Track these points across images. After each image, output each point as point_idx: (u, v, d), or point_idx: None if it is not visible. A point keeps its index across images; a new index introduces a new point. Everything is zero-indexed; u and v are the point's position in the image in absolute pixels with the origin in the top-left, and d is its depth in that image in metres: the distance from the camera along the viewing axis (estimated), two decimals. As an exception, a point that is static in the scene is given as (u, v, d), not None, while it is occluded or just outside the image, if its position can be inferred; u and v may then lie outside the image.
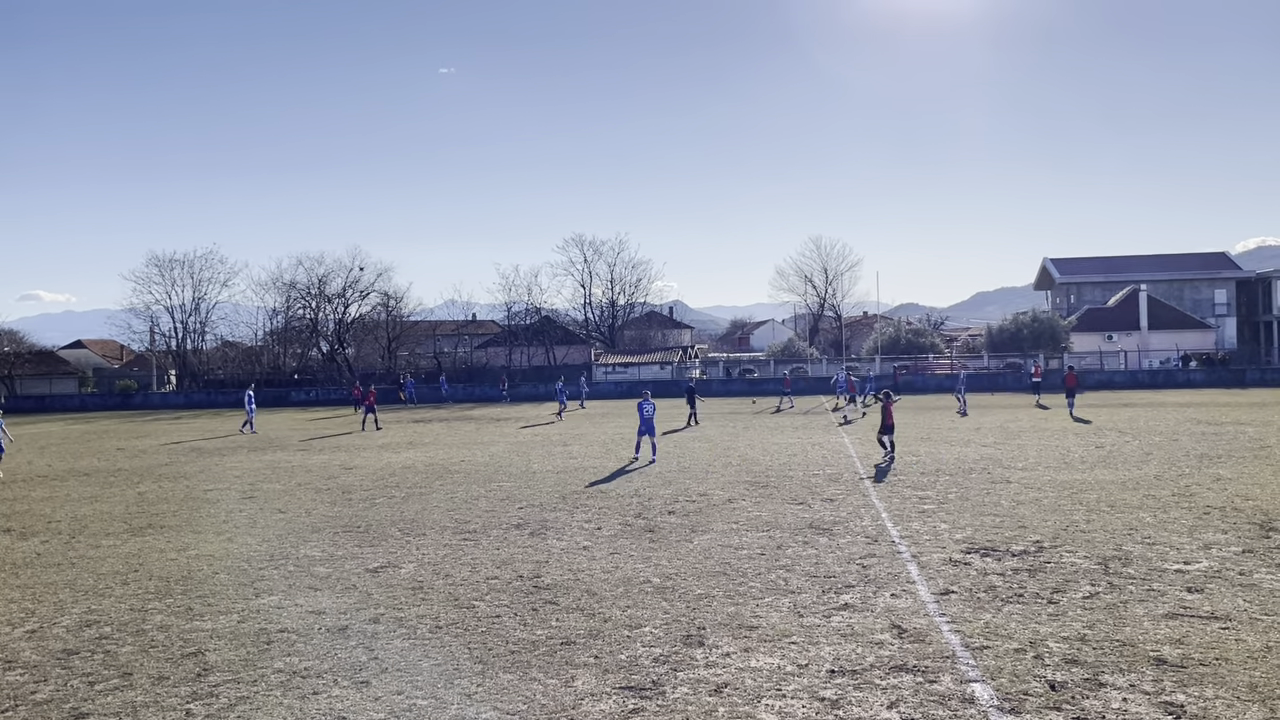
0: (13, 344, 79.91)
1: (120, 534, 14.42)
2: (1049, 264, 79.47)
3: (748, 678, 7.36)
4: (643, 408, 22.91)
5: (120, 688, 7.50)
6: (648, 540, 12.73)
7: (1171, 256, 77.61)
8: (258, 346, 78.24)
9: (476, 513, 15.41)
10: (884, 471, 19.20)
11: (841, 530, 13.06)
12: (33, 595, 10.65)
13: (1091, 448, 22.57)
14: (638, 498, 16.51)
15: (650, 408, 22.86)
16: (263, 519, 15.41)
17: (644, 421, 22.77)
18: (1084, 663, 7.47)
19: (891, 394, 22.73)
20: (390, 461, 23.86)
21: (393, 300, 76.79)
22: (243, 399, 38.98)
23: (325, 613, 9.49)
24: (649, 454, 22.74)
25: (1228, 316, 72.27)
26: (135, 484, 20.71)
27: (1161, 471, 18.07)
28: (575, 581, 10.53)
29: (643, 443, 23.06)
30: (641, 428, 22.83)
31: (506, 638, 8.52)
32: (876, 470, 19.44)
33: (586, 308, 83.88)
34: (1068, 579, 10.06)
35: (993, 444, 24.13)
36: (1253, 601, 9.02)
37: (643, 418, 22.82)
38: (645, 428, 22.74)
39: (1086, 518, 13.51)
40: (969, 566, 10.76)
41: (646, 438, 22.84)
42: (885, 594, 9.64)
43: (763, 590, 9.92)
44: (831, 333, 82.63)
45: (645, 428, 22.74)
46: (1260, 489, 15.65)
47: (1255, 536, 11.94)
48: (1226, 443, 22.91)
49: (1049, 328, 64.82)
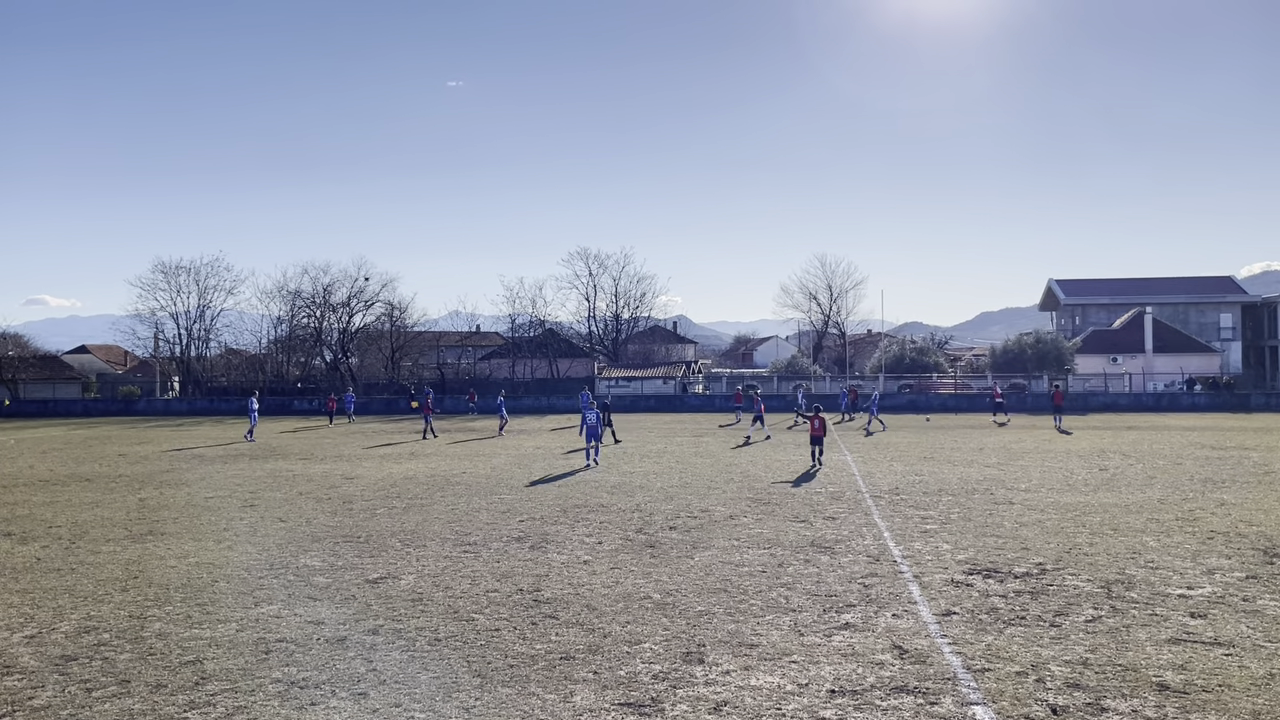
0: (17, 348, 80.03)
1: (120, 540, 14.41)
2: (1054, 285, 79.47)
3: (747, 696, 7.32)
4: (586, 415, 24.82)
5: (118, 695, 7.48)
6: (648, 556, 12.69)
7: (1177, 279, 77.61)
8: (262, 354, 78.34)
9: (477, 525, 15.39)
10: (809, 477, 21.51)
11: (843, 549, 13.02)
12: (32, 600, 10.63)
13: (1095, 470, 22.50)
14: (639, 512, 16.47)
15: (594, 415, 24.83)
16: (263, 528, 15.40)
17: (589, 428, 24.62)
18: (1086, 687, 7.43)
19: (820, 408, 26.26)
20: (391, 472, 23.84)
21: (397, 310, 76.96)
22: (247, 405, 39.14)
23: (324, 623, 9.46)
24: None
25: (1233, 340, 72.18)
26: (136, 490, 20.71)
27: (1165, 495, 18.01)
28: (575, 596, 10.50)
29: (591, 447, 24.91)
30: (587, 434, 24.63)
31: (505, 651, 8.49)
32: (803, 476, 21.82)
33: (590, 321, 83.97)
34: (1070, 602, 10.01)
35: (996, 465, 24.07)
36: (1256, 628, 8.97)
37: (586, 424, 24.66)
38: (590, 433, 24.59)
39: (1090, 541, 13.46)
40: (971, 588, 10.72)
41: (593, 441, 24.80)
42: (887, 614, 9.60)
43: (763, 608, 9.88)
44: (835, 350, 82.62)
45: (590, 433, 24.59)
46: (1265, 515, 15.58)
47: (1259, 562, 11.88)
48: (1231, 467, 22.84)
49: (1053, 349, 64.76)
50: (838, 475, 22.07)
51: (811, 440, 24.51)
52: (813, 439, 24.46)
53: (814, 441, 24.40)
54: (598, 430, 24.82)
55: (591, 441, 24.78)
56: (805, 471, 22.79)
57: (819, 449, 24.29)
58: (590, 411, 25.08)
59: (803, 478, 21.55)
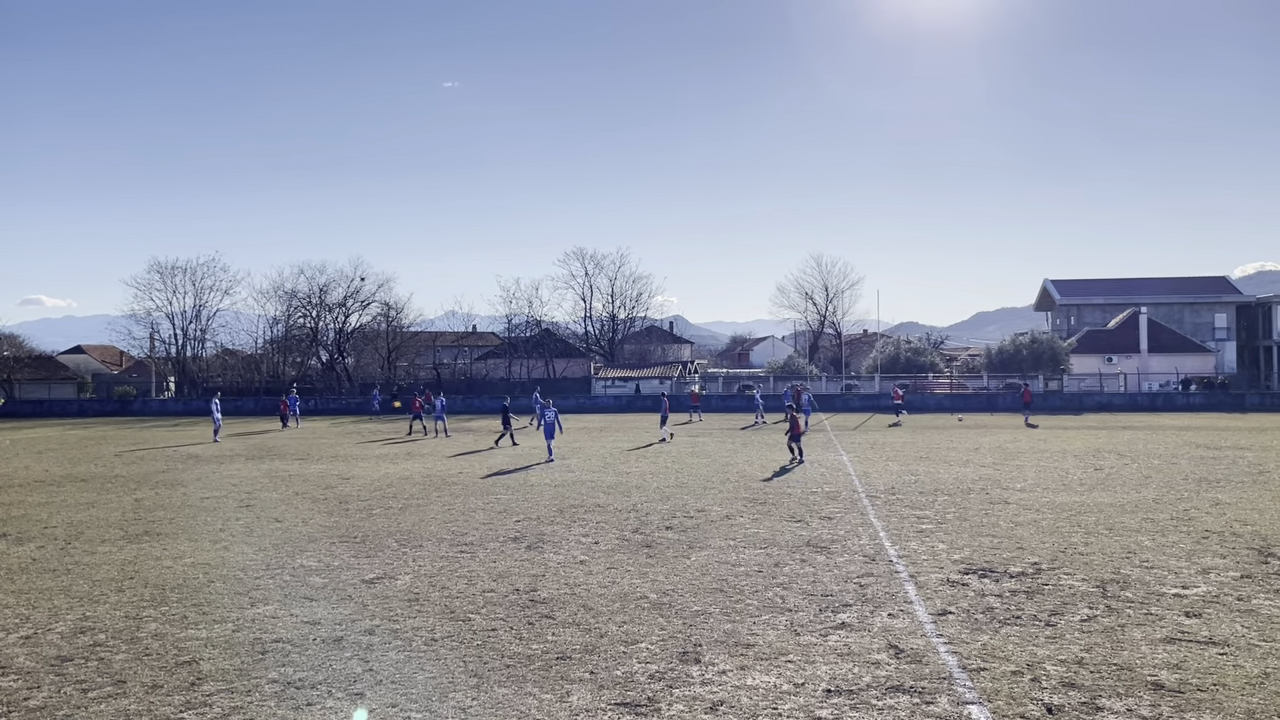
0: (13, 348, 79.90)
1: (116, 540, 14.39)
2: (1049, 285, 79.57)
3: (743, 696, 7.33)
4: (544, 413, 27.49)
5: (114, 695, 7.47)
6: (645, 556, 12.70)
7: (1172, 280, 77.72)
8: (258, 355, 78.20)
9: (473, 525, 15.39)
10: (786, 470, 22.87)
11: (839, 549, 13.04)
12: (27, 601, 10.61)
13: (1090, 470, 22.55)
14: (635, 512, 16.48)
15: (551, 414, 27.34)
16: (259, 528, 15.38)
17: (546, 426, 27.13)
18: (1081, 686, 7.45)
19: (794, 407, 27.88)
20: (388, 472, 23.82)
21: (393, 310, 76.84)
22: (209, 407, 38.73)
23: (320, 623, 9.46)
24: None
25: (1227, 340, 72.31)
26: (132, 490, 20.68)
27: (1160, 495, 18.05)
28: (571, 596, 10.50)
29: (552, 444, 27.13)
30: (546, 431, 27.01)
31: (502, 651, 8.49)
32: (780, 470, 23.10)
33: (587, 321, 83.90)
34: (1065, 601, 10.04)
35: (991, 465, 24.11)
36: (1250, 627, 8.99)
37: (545, 423, 27.23)
38: (548, 431, 26.96)
39: (1085, 540, 13.49)
40: (967, 587, 10.74)
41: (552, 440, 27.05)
42: (882, 614, 9.62)
43: (760, 608, 9.90)
44: (831, 350, 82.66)
45: (548, 431, 26.96)
46: (1259, 514, 15.63)
47: (1254, 562, 11.92)
48: (1225, 467, 22.89)
49: (1049, 349, 64.84)
50: (833, 475, 22.10)
51: (792, 437, 25.80)
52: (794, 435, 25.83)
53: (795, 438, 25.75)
54: (552, 429, 27.09)
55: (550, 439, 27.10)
56: (784, 466, 24.08)
57: (798, 445, 25.73)
58: (548, 410, 27.67)
59: (781, 472, 22.77)
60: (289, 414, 45.40)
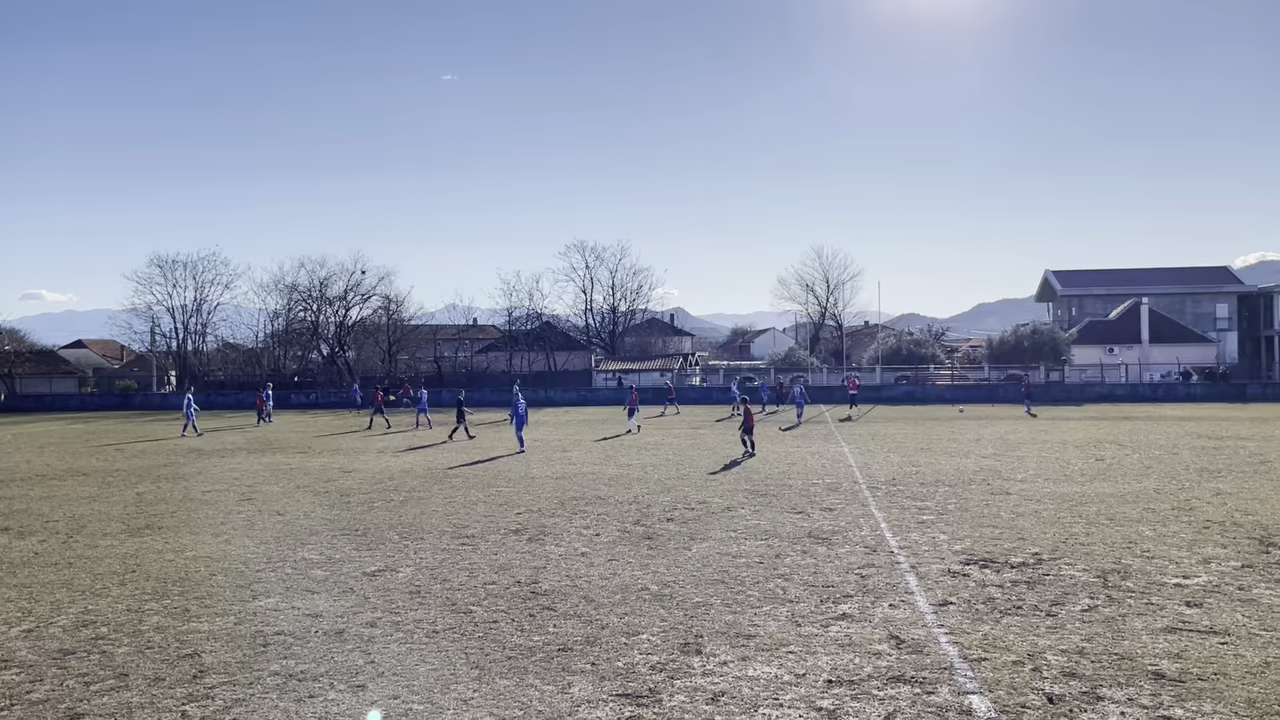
0: (13, 343, 79.91)
1: (118, 534, 14.41)
2: (1051, 276, 79.51)
3: (745, 687, 7.34)
4: (517, 405, 28.06)
5: (116, 688, 7.49)
6: (646, 547, 12.71)
7: (1173, 270, 77.64)
8: (258, 348, 78.25)
9: (475, 517, 15.40)
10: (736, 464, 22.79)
11: (840, 540, 13.04)
12: (29, 594, 10.63)
13: (1091, 460, 22.55)
14: (636, 504, 16.49)
15: (523, 405, 28.03)
16: (261, 521, 15.40)
17: (517, 418, 27.70)
18: (1082, 676, 7.45)
19: (748, 400, 28.04)
20: (389, 465, 23.84)
21: (394, 304, 76.88)
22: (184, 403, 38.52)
23: (322, 616, 9.47)
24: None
25: (1229, 331, 72.27)
26: (133, 484, 20.70)
27: (1161, 485, 18.06)
28: (573, 588, 10.51)
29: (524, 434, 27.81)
30: (516, 423, 27.60)
31: (503, 643, 8.50)
32: (731, 463, 23.04)
33: (587, 314, 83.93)
34: (1066, 592, 10.04)
35: (992, 455, 24.11)
36: (1251, 617, 9.00)
37: (516, 415, 27.78)
38: (518, 423, 27.59)
39: (1086, 530, 13.49)
40: (968, 578, 10.75)
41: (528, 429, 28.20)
42: (884, 604, 9.62)
43: (761, 599, 9.90)
44: (832, 342, 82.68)
45: (518, 423, 27.59)
46: (1260, 504, 15.62)
47: (1255, 551, 11.92)
48: (1226, 457, 22.89)
49: (1050, 340, 64.85)
50: (834, 467, 22.10)
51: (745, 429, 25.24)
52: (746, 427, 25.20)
53: (748, 430, 25.14)
54: (523, 421, 27.83)
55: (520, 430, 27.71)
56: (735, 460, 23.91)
57: (750, 437, 25.12)
58: (519, 402, 28.44)
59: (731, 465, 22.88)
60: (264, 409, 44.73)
